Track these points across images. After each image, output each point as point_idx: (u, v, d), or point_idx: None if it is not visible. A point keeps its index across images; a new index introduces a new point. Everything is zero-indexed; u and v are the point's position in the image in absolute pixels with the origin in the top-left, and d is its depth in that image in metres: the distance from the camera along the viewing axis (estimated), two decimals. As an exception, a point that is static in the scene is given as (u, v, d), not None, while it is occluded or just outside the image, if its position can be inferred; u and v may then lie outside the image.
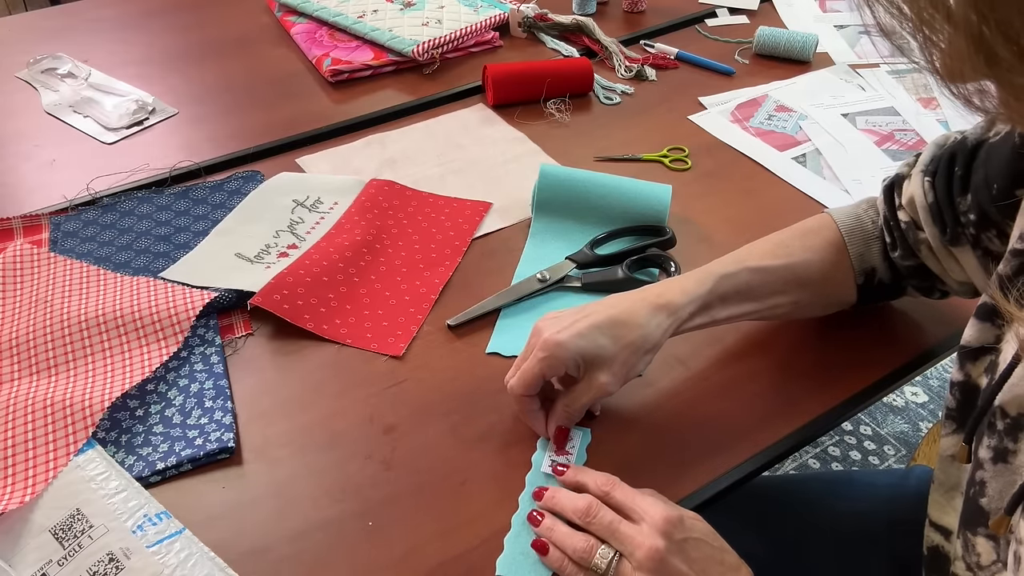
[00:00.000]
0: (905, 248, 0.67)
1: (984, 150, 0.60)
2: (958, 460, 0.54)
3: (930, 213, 0.62)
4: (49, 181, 0.92)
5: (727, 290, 0.66)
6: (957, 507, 0.55)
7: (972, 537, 0.51)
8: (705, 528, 0.55)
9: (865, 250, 0.69)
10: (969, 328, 0.53)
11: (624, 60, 1.14)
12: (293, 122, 1.01)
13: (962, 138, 0.62)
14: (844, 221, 0.70)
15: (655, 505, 0.55)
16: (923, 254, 0.66)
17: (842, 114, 1.05)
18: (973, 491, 0.51)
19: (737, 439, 0.65)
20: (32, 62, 1.12)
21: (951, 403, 0.55)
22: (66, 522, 0.57)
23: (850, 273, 0.70)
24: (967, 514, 0.52)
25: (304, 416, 0.67)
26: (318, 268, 0.77)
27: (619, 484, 0.58)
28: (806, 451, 1.62)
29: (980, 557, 0.50)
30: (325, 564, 0.57)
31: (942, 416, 0.57)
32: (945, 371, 1.81)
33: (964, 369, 0.54)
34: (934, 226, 0.63)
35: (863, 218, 0.70)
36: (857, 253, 0.69)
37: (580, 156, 0.96)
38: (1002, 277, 0.51)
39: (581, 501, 0.56)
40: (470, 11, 1.20)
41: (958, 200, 0.61)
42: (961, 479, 0.55)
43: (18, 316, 0.73)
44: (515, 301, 0.77)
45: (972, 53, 0.36)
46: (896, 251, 0.67)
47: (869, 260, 0.69)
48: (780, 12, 1.30)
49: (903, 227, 0.66)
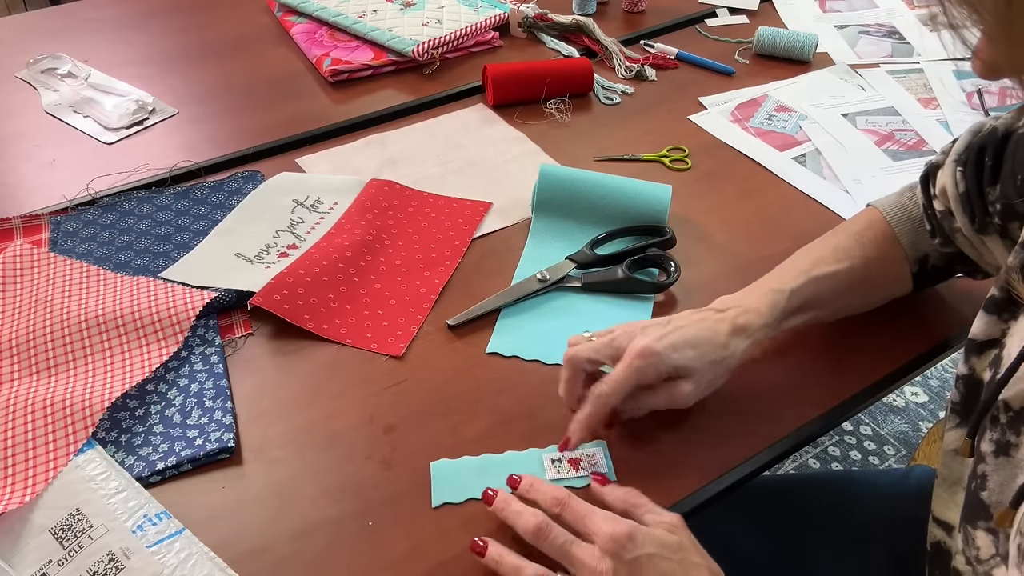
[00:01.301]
0: (943, 236, 0.67)
1: (1013, 140, 0.60)
2: (961, 454, 0.54)
3: (960, 203, 0.63)
4: (49, 181, 0.92)
5: (798, 304, 0.67)
6: (959, 502, 0.55)
7: (972, 531, 0.51)
8: (664, 540, 0.53)
9: (917, 238, 0.70)
10: (977, 321, 0.54)
11: (624, 60, 1.14)
12: (293, 122, 1.01)
13: (992, 127, 0.62)
14: (891, 213, 0.70)
15: (605, 523, 0.53)
16: (959, 241, 0.66)
17: (842, 114, 1.05)
18: (974, 485, 0.51)
19: (737, 439, 0.65)
20: (32, 62, 1.12)
21: (955, 397, 0.55)
22: (66, 522, 0.57)
23: (905, 263, 0.70)
24: (968, 508, 0.52)
25: (304, 416, 0.67)
26: (318, 268, 0.77)
27: (570, 502, 0.56)
28: (806, 451, 1.62)
29: (980, 551, 0.50)
30: (325, 564, 0.57)
31: (947, 410, 0.57)
32: (945, 371, 1.81)
33: (969, 363, 0.54)
34: (964, 215, 0.63)
35: (908, 206, 0.70)
36: (910, 242, 0.70)
37: (580, 156, 0.96)
38: (1011, 268, 0.51)
39: (532, 520, 0.55)
40: (470, 11, 1.20)
41: (987, 190, 0.61)
42: (963, 473, 0.55)
43: (18, 316, 0.73)
44: (515, 301, 0.77)
45: None
46: (936, 238, 0.68)
47: (921, 247, 0.70)
48: (780, 12, 1.30)
49: (939, 216, 0.66)
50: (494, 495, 0.58)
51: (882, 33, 1.24)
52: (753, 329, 0.64)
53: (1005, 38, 0.39)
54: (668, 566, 0.52)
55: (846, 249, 0.69)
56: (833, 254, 0.69)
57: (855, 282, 0.68)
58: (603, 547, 0.52)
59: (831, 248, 0.70)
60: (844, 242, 0.70)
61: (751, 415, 0.67)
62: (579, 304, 0.77)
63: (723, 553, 0.56)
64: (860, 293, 0.69)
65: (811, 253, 0.70)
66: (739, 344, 0.63)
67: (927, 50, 1.19)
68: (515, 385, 0.69)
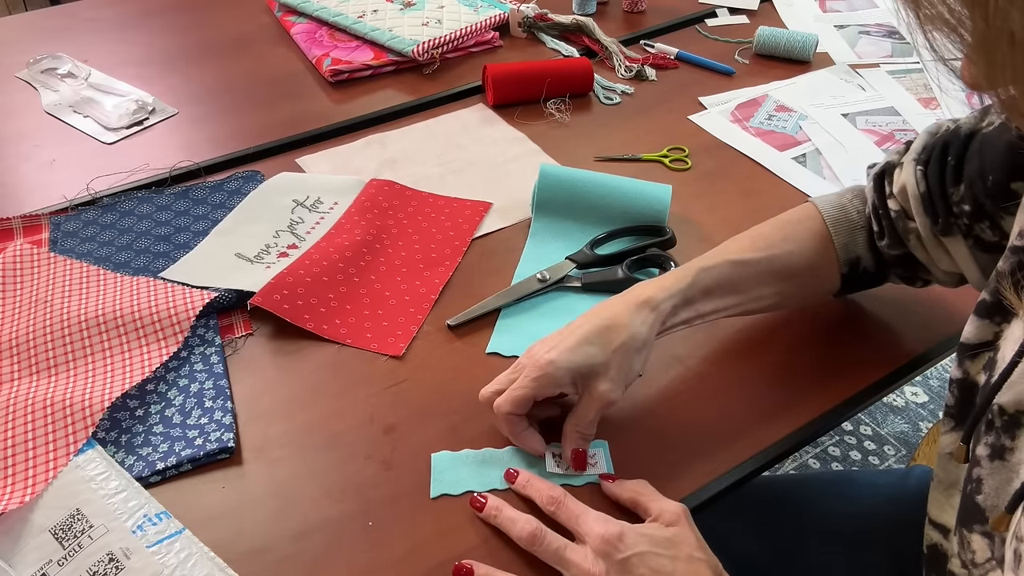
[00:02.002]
0: (893, 237, 0.67)
1: (977, 140, 0.60)
2: (956, 459, 0.54)
3: (922, 203, 0.62)
4: (49, 181, 0.92)
5: (709, 283, 0.66)
6: (955, 505, 0.55)
7: (968, 534, 0.51)
8: (656, 537, 0.54)
9: (850, 240, 0.69)
10: (969, 325, 0.53)
11: (624, 60, 1.14)
12: (293, 122, 1.01)
13: (955, 127, 0.62)
14: (829, 211, 0.70)
15: (597, 524, 0.54)
16: (911, 243, 0.66)
17: (842, 114, 1.05)
18: (970, 488, 0.51)
19: (737, 439, 0.65)
20: (32, 62, 1.12)
21: (950, 400, 0.55)
22: (66, 522, 0.57)
23: (835, 263, 0.69)
24: (964, 512, 0.52)
25: (304, 416, 0.67)
26: (318, 268, 0.77)
27: (565, 501, 0.57)
28: (806, 451, 1.62)
29: (975, 555, 0.50)
30: (325, 564, 0.57)
31: (942, 414, 0.57)
32: (945, 371, 1.81)
33: (963, 367, 0.54)
34: (925, 216, 0.62)
35: (848, 208, 0.70)
36: (842, 243, 0.69)
37: (580, 156, 0.96)
38: (1001, 273, 0.51)
39: (527, 528, 0.56)
40: (470, 11, 1.20)
41: (951, 190, 0.61)
42: (959, 477, 0.55)
43: (18, 316, 0.73)
44: (515, 301, 0.77)
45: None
46: (883, 240, 0.67)
47: (854, 250, 0.69)
48: (780, 12, 1.30)
49: (892, 216, 0.66)
50: (484, 501, 0.58)
51: (882, 33, 1.24)
52: (657, 301, 0.63)
53: (983, 60, 0.39)
54: (659, 562, 0.52)
55: (767, 239, 0.69)
56: (753, 242, 0.69)
57: (772, 273, 0.68)
58: (595, 548, 0.53)
59: (753, 236, 0.70)
60: (768, 232, 0.70)
61: (751, 415, 0.67)
62: (579, 304, 0.77)
63: (723, 553, 0.55)
64: (777, 285, 0.68)
65: (736, 240, 0.70)
66: (644, 318, 0.62)
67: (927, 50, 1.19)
68: (515, 385, 0.69)
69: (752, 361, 0.72)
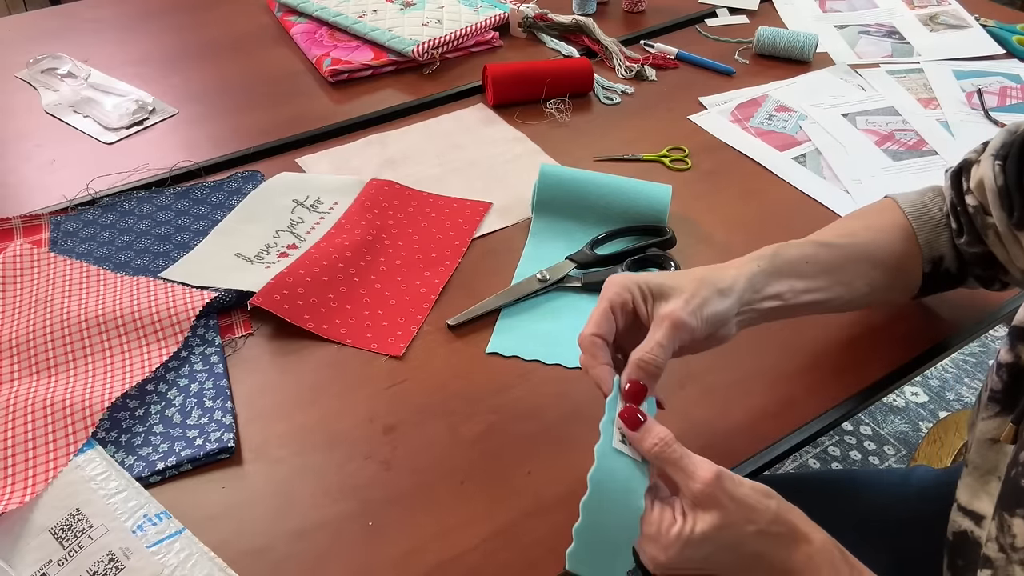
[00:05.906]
0: (972, 234, 0.66)
1: None
2: (1003, 441, 0.54)
3: (999, 196, 0.62)
4: (49, 181, 0.92)
5: (795, 257, 0.62)
6: (992, 491, 0.55)
7: (1009, 518, 0.51)
8: None
9: (934, 237, 0.68)
10: (1022, 311, 0.53)
11: (624, 60, 1.14)
12: (293, 122, 1.01)
13: None
14: (910, 207, 0.69)
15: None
16: (990, 240, 0.65)
17: (842, 114, 1.05)
18: (1015, 472, 0.51)
19: (737, 439, 0.65)
20: (32, 62, 1.12)
21: (996, 384, 0.55)
22: (66, 522, 0.57)
23: (918, 260, 0.68)
24: (1006, 495, 0.52)
25: (304, 416, 0.67)
26: (318, 268, 0.77)
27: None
28: (806, 451, 1.62)
29: (1016, 539, 0.50)
30: (325, 564, 0.57)
31: (983, 399, 0.56)
32: (945, 371, 1.81)
33: (1015, 350, 0.53)
34: (1002, 210, 0.62)
35: (929, 205, 0.69)
36: (926, 240, 0.68)
37: (580, 156, 0.96)
38: None
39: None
40: (470, 11, 1.20)
41: None
42: (999, 462, 0.55)
43: (18, 316, 0.73)
44: (515, 301, 0.77)
45: None
46: (963, 237, 0.67)
47: (938, 248, 0.68)
48: (780, 12, 1.30)
49: (971, 212, 0.65)
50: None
51: (882, 33, 1.24)
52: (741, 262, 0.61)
53: None
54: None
55: (849, 227, 0.68)
56: (835, 230, 0.68)
57: (861, 259, 0.66)
58: None
59: (835, 226, 0.69)
60: (848, 222, 0.69)
61: (751, 415, 0.67)
62: (579, 304, 0.77)
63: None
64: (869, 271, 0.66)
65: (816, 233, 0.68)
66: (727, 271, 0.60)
67: (927, 50, 1.19)
68: (515, 385, 0.69)
69: (752, 361, 0.72)
